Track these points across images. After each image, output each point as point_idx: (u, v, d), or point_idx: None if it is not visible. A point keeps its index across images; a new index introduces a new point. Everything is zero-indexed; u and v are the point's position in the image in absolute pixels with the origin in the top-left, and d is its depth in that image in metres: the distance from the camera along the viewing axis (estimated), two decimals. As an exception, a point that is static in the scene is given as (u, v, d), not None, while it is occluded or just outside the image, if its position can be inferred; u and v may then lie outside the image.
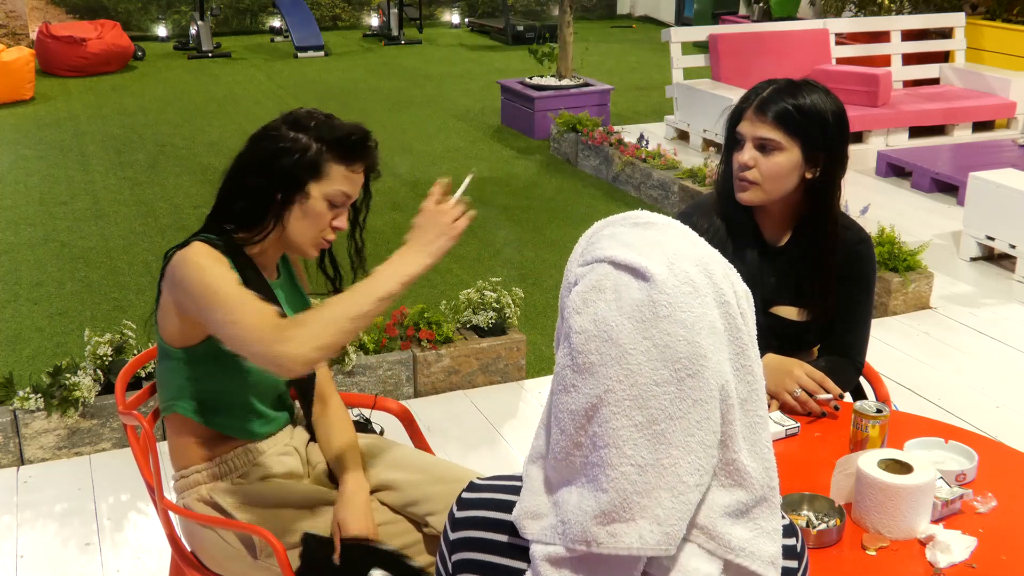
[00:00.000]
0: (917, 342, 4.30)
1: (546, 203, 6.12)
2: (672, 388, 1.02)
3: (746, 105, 2.16)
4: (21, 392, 3.33)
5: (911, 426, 2.07)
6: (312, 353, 1.69)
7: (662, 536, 1.02)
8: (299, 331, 1.69)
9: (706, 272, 1.06)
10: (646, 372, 1.02)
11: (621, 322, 1.03)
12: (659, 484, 1.02)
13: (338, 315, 1.71)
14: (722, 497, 1.06)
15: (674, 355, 1.02)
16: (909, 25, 8.03)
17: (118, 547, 2.93)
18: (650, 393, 1.02)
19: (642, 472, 1.02)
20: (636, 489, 1.02)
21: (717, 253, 1.11)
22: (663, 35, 7.47)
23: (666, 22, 13.61)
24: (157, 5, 12.41)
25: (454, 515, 1.18)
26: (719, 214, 2.27)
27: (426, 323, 3.83)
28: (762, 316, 2.26)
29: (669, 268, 1.04)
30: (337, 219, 1.97)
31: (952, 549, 1.63)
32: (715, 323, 1.04)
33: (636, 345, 1.03)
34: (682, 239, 1.08)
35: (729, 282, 1.08)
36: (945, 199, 6.15)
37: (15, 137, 7.53)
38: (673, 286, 1.03)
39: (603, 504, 1.03)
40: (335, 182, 1.93)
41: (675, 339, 1.02)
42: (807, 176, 2.16)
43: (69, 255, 5.18)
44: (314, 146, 1.92)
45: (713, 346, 1.03)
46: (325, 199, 1.93)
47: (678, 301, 1.03)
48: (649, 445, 1.02)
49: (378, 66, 10.78)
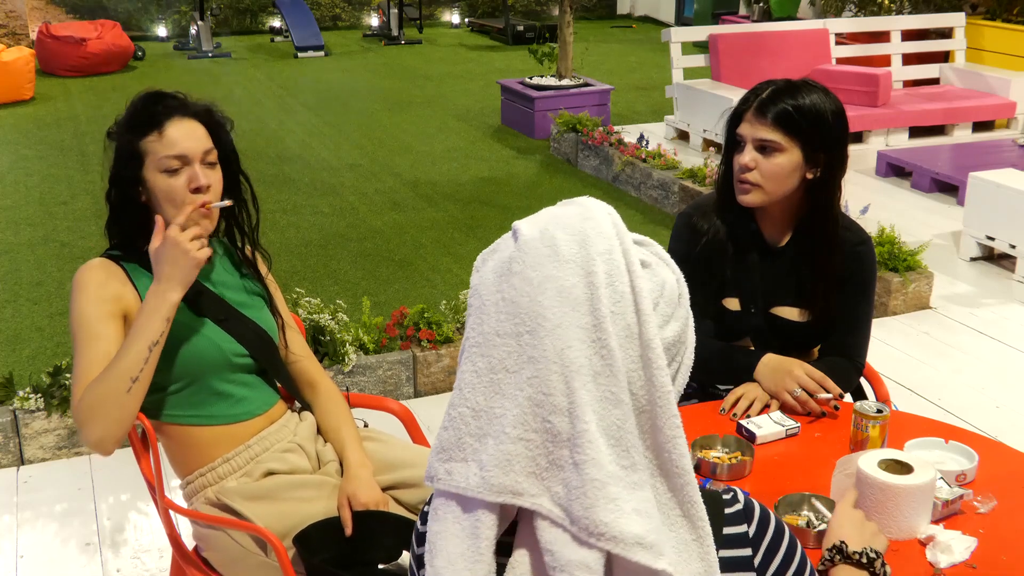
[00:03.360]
0: (917, 342, 4.30)
1: (546, 203, 6.02)
2: (511, 341, 1.06)
3: (745, 107, 2.16)
4: (21, 392, 3.33)
5: (911, 426, 2.07)
6: (111, 433, 1.85)
7: (480, 480, 1.05)
8: (92, 416, 1.83)
9: (580, 243, 1.07)
10: (492, 322, 1.07)
11: (488, 276, 1.10)
12: (488, 431, 1.06)
13: (117, 384, 1.82)
14: (574, 477, 1.03)
15: (516, 309, 1.06)
16: (909, 25, 8.03)
17: (118, 547, 2.93)
18: (492, 343, 1.07)
19: (476, 416, 1.07)
20: (469, 431, 1.07)
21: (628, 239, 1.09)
22: (663, 35, 7.47)
23: (666, 22, 13.62)
24: (157, 5, 12.42)
25: (418, 530, 1.18)
26: (719, 215, 2.27)
27: (426, 323, 3.83)
28: (763, 317, 2.28)
29: (540, 232, 1.09)
30: (192, 180, 1.93)
31: (952, 549, 1.63)
32: (570, 289, 1.05)
33: (490, 296, 1.08)
34: (577, 214, 1.10)
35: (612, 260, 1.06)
36: (945, 199, 6.15)
37: (15, 137, 7.53)
38: (533, 247, 1.07)
39: (443, 441, 1.09)
40: (155, 153, 1.92)
41: (520, 294, 1.06)
42: (808, 176, 2.16)
43: (69, 255, 5.18)
44: (123, 137, 1.94)
45: (558, 309, 1.04)
46: (160, 173, 1.92)
47: (531, 260, 1.07)
48: (485, 391, 1.07)
49: (378, 66, 10.78)
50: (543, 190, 6.41)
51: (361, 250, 5.26)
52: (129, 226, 2.00)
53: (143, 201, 1.97)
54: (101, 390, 1.83)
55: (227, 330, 2.02)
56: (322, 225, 5.69)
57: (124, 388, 1.83)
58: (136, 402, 1.85)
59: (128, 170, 1.93)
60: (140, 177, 1.93)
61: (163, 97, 1.96)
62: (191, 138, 1.93)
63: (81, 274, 1.95)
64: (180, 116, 1.94)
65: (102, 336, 1.88)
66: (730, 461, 1.88)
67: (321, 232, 5.57)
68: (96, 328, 1.89)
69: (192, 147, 1.93)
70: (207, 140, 1.96)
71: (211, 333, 2.00)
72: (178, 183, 1.93)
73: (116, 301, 1.92)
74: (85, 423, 1.84)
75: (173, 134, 1.92)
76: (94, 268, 1.96)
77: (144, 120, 1.93)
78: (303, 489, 2.01)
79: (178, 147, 1.92)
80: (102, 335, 1.88)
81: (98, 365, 1.86)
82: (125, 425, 1.86)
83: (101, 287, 1.92)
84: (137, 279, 1.97)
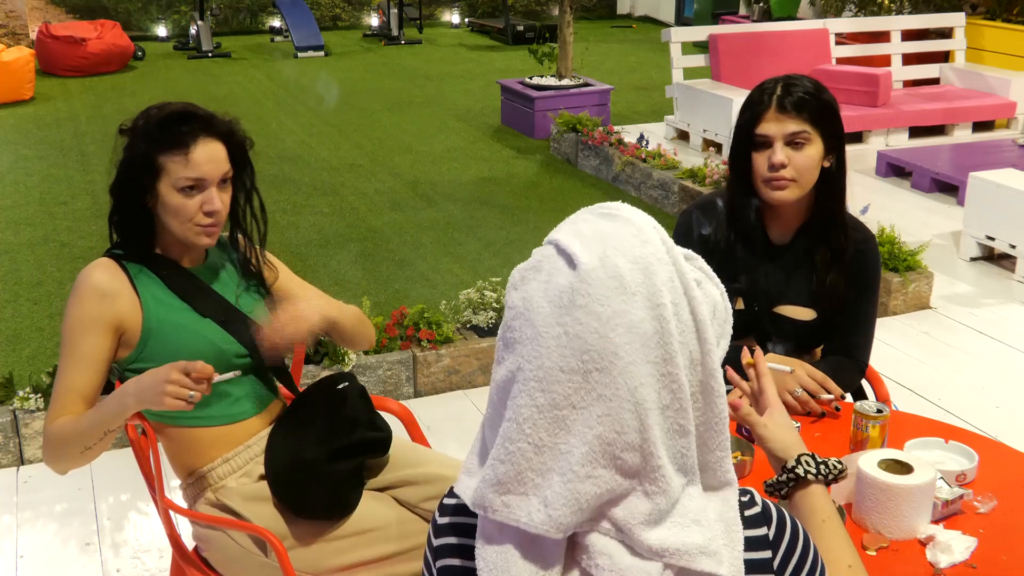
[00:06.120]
0: (917, 342, 4.30)
1: (546, 203, 6.12)
2: (578, 378, 1.02)
3: (762, 107, 2.15)
4: (21, 392, 3.33)
5: (911, 426, 2.07)
6: (65, 469, 1.97)
7: (546, 517, 1.03)
8: (53, 453, 1.93)
9: (644, 271, 1.03)
10: (554, 357, 1.03)
11: (542, 304, 1.05)
12: (553, 467, 1.03)
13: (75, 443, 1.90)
14: (643, 504, 1.04)
15: (583, 346, 1.02)
16: (909, 25, 8.03)
17: (118, 547, 2.93)
18: (554, 378, 1.03)
19: (538, 452, 1.04)
20: (531, 466, 1.04)
21: (681, 259, 1.07)
22: (663, 35, 7.47)
23: (666, 22, 13.61)
24: (157, 5, 12.42)
25: (436, 521, 1.18)
26: (724, 214, 2.27)
27: (426, 323, 3.83)
28: (766, 316, 2.27)
29: (600, 260, 1.04)
30: (206, 203, 1.93)
31: (952, 549, 1.63)
32: (638, 324, 1.02)
33: (549, 329, 1.04)
34: (632, 236, 1.06)
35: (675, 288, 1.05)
36: (945, 199, 6.15)
37: (15, 137, 7.53)
38: (597, 278, 1.03)
39: (500, 474, 1.05)
40: (174, 172, 1.91)
41: (587, 330, 1.02)
42: (824, 165, 2.18)
43: (69, 255, 5.18)
44: (143, 146, 1.92)
45: (629, 345, 1.02)
46: (175, 191, 1.92)
47: (598, 293, 1.02)
48: (548, 427, 1.03)
49: (378, 66, 10.78)
50: (543, 190, 6.41)
51: (361, 250, 5.26)
52: (131, 222, 2.00)
53: (148, 205, 1.96)
54: (63, 438, 1.89)
55: (228, 331, 2.02)
56: (322, 225, 5.69)
57: (79, 450, 1.90)
58: (90, 459, 1.95)
59: (142, 179, 1.92)
60: (153, 188, 1.92)
61: (192, 116, 1.93)
62: (213, 162, 1.93)
63: (84, 278, 1.94)
64: (205, 137, 1.92)
65: (86, 356, 1.92)
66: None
67: (321, 232, 5.57)
68: (82, 347, 1.92)
69: (212, 171, 1.93)
70: (226, 163, 1.96)
71: (211, 334, 2.00)
72: (191, 203, 1.93)
73: (112, 316, 1.92)
74: (46, 453, 1.95)
75: (197, 157, 1.90)
76: (99, 274, 1.94)
77: (170, 138, 1.90)
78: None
79: (199, 171, 1.91)
80: (87, 355, 1.92)
81: (66, 389, 1.92)
82: (79, 466, 1.97)
83: (100, 301, 1.92)
84: (139, 282, 1.97)
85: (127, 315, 1.94)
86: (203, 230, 1.96)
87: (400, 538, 2.01)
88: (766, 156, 2.14)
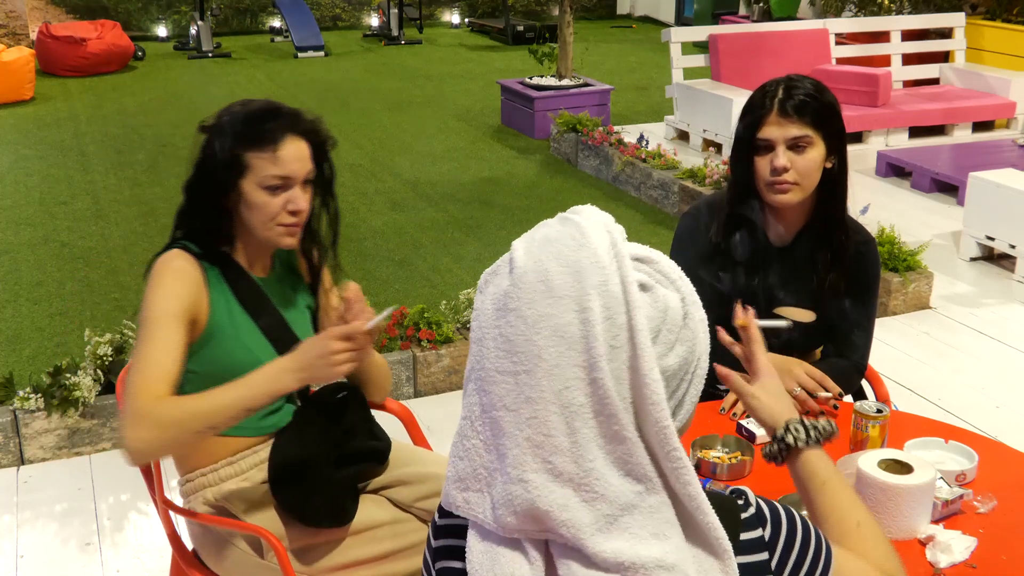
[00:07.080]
0: (917, 342, 4.30)
1: (546, 203, 6.12)
2: (510, 379, 1.04)
3: (764, 111, 2.14)
4: (21, 392, 3.33)
5: (911, 426, 2.07)
6: (148, 451, 1.78)
7: (493, 516, 1.05)
8: (149, 423, 1.74)
9: (575, 275, 1.03)
10: (492, 358, 1.05)
11: (488, 307, 1.08)
12: (498, 467, 1.06)
13: (193, 423, 1.76)
14: (584, 513, 1.02)
15: (513, 347, 1.04)
16: (909, 25, 8.03)
17: (118, 547, 2.94)
18: (492, 379, 1.05)
19: (488, 450, 1.07)
20: (483, 463, 1.07)
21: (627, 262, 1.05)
22: (663, 35, 7.47)
23: (666, 22, 13.61)
24: (157, 5, 12.41)
25: (436, 523, 1.18)
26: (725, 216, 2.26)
27: (426, 323, 3.83)
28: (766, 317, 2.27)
29: (535, 264, 1.05)
30: (290, 202, 1.91)
31: (952, 549, 1.63)
32: (564, 327, 1.02)
33: (489, 331, 1.06)
34: (570, 239, 1.05)
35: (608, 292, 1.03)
36: (945, 199, 6.16)
37: (15, 137, 7.53)
38: (527, 282, 1.04)
39: (459, 471, 1.09)
40: (261, 170, 1.88)
41: (516, 332, 1.04)
42: (827, 167, 2.18)
43: (69, 255, 5.18)
44: (228, 143, 1.88)
45: (554, 348, 1.02)
46: (260, 188, 1.89)
47: (526, 296, 1.04)
48: (490, 428, 1.06)
49: (378, 66, 10.78)
50: (543, 190, 6.41)
51: (361, 250, 5.26)
52: (205, 222, 1.94)
53: (227, 204, 1.92)
54: (175, 415, 1.76)
55: (277, 348, 1.96)
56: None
57: (197, 428, 1.77)
58: (196, 439, 1.82)
59: (227, 177, 1.88)
60: (237, 185, 1.89)
61: (279, 113, 1.91)
62: (300, 160, 1.90)
63: (167, 262, 1.88)
64: (292, 135, 1.90)
65: (170, 338, 1.82)
66: (730, 461, 1.88)
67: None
68: (165, 328, 1.83)
69: (298, 169, 1.90)
70: (310, 162, 1.93)
71: (260, 351, 1.95)
72: (276, 202, 1.90)
73: (191, 304, 1.87)
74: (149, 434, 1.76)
75: (285, 155, 1.88)
76: (182, 262, 1.89)
77: (258, 134, 1.87)
78: None
79: (287, 168, 1.88)
80: (170, 337, 1.82)
81: (158, 365, 1.79)
82: (171, 451, 1.88)
83: (183, 286, 1.87)
84: (213, 287, 1.92)
85: (201, 310, 1.90)
86: (286, 230, 1.93)
87: (395, 537, 2.01)
88: (768, 160, 2.14)
